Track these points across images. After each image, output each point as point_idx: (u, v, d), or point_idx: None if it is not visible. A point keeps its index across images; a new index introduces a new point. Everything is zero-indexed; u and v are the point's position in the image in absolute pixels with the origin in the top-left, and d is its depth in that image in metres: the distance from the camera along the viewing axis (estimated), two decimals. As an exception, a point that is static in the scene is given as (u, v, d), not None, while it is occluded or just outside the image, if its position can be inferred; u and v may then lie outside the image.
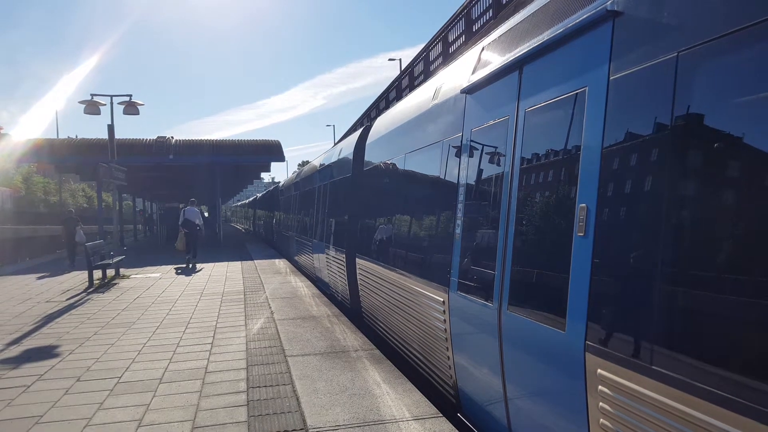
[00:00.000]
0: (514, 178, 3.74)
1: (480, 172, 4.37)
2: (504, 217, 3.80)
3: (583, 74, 3.03)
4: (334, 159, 11.56)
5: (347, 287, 9.40)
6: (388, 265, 6.76)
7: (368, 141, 8.81)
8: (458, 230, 4.62)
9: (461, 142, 4.73)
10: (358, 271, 8.53)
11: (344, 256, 9.44)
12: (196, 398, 4.96)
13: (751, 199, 2.09)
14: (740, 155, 2.16)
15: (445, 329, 4.79)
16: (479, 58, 4.68)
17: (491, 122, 4.18)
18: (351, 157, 9.59)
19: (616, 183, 2.74)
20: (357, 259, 8.55)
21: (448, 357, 4.80)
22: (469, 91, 4.63)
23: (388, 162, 7.31)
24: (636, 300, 2.50)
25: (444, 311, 4.78)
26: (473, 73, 4.65)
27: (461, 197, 4.63)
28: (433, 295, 5.05)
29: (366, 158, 8.76)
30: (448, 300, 4.68)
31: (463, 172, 4.65)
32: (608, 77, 2.82)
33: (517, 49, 3.81)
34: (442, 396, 5.18)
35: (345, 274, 9.43)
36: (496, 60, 4.22)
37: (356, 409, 4.48)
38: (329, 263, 11.03)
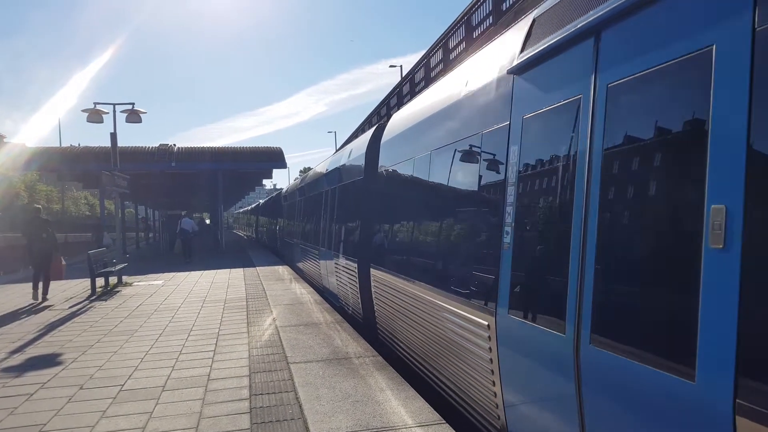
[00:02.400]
0: (593, 170, 3.00)
1: (539, 165, 3.66)
2: (579, 220, 3.06)
3: (707, 30, 2.27)
4: (343, 161, 10.85)
5: (359, 300, 8.76)
6: (411, 278, 5.96)
7: (383, 140, 8.16)
8: (507, 238, 3.89)
9: (509, 131, 4.04)
10: (373, 284, 7.83)
11: (356, 265, 8.78)
12: (199, 406, 4.96)
13: None
14: None
15: (491, 359, 4.06)
16: (530, 32, 3.98)
17: (555, 104, 3.47)
18: (363, 158, 8.89)
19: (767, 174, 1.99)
20: (372, 270, 7.85)
21: (495, 393, 4.06)
22: (519, 71, 3.93)
23: (409, 161, 6.59)
24: None
25: (489, 338, 4.06)
26: (523, 50, 3.95)
27: (510, 198, 3.92)
28: (473, 317, 4.32)
29: (381, 159, 8.09)
30: (495, 324, 3.95)
31: (513, 167, 3.92)
32: (753, 31, 2.03)
33: (590, 13, 3.10)
34: None
35: (357, 285, 8.77)
36: (558, 29, 3.50)
37: (359, 416, 4.48)
38: (338, 273, 10.34)
